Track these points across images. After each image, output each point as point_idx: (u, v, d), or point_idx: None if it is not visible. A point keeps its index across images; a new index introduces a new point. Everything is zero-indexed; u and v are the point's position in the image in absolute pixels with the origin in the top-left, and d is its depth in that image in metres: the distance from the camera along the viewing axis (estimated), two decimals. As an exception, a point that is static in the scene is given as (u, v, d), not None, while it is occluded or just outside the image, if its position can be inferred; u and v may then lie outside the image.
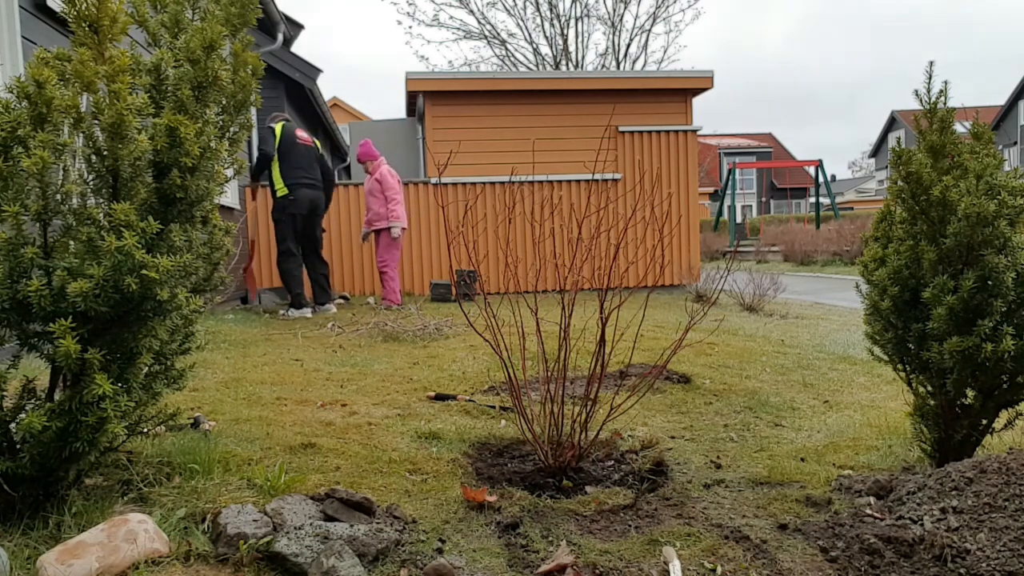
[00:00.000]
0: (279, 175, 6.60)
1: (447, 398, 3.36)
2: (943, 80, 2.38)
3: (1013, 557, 1.75)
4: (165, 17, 2.11)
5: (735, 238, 22.46)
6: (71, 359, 1.62)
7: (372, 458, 2.46)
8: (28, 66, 1.72)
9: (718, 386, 3.78)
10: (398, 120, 11.60)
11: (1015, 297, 2.20)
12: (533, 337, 2.57)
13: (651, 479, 2.40)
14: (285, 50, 10.57)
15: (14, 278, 1.66)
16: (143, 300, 1.71)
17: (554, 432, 2.39)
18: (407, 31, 51.79)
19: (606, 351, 2.40)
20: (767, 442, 2.87)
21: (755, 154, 44.60)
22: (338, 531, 1.77)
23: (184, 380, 2.13)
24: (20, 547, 1.64)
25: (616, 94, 9.44)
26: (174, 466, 2.14)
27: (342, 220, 9.06)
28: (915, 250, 2.36)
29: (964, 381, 2.30)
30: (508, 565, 1.80)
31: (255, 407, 3.03)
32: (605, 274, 2.42)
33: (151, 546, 1.64)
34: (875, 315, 2.51)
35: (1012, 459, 2.04)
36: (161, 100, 1.88)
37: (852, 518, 2.05)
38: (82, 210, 1.76)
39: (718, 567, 1.80)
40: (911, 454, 2.65)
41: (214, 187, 1.98)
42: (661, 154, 9.53)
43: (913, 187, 2.33)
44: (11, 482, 1.74)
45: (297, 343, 4.97)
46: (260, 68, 2.42)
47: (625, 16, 24.90)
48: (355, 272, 8.94)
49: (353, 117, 24.32)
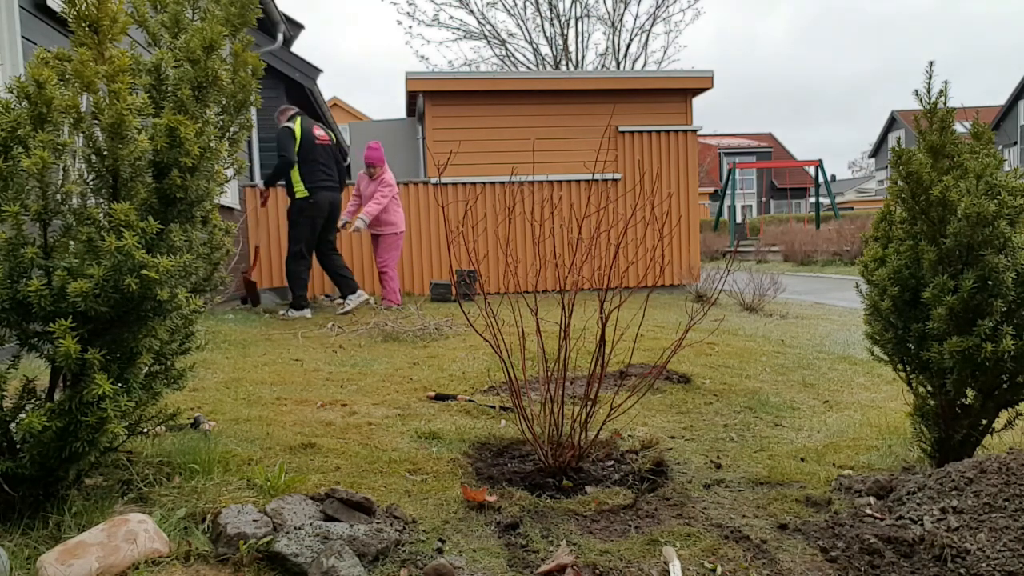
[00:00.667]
0: (299, 177, 6.47)
1: (447, 398, 3.36)
2: (943, 80, 2.38)
3: (1013, 557, 1.75)
4: (165, 17, 2.11)
5: (735, 238, 22.47)
6: (71, 359, 1.62)
7: (372, 458, 2.46)
8: (28, 66, 1.72)
9: (718, 386, 3.78)
10: (398, 120, 11.60)
11: (1015, 297, 2.20)
12: (533, 337, 2.57)
13: (651, 479, 2.40)
14: (285, 50, 10.57)
15: (14, 278, 1.66)
16: (143, 300, 1.71)
17: (554, 432, 2.39)
18: (407, 31, 51.72)
19: (606, 351, 2.40)
20: (767, 442, 2.87)
21: (755, 154, 44.59)
22: (338, 531, 1.77)
23: (184, 380, 2.13)
24: (20, 547, 1.64)
25: (616, 94, 9.43)
26: (174, 466, 2.14)
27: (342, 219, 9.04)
28: (915, 250, 2.36)
29: (964, 381, 2.30)
30: (508, 565, 1.80)
31: (255, 407, 3.03)
32: (605, 274, 2.42)
33: (151, 546, 1.64)
34: (875, 315, 2.51)
35: (1012, 459, 2.04)
36: (161, 100, 1.88)
37: (852, 518, 2.05)
38: (82, 210, 1.76)
39: (718, 567, 1.80)
40: (911, 454, 2.65)
41: (214, 187, 1.98)
42: (661, 154, 9.53)
43: (913, 187, 2.33)
44: (11, 482, 1.74)
45: (297, 343, 4.97)
46: (260, 68, 2.42)
47: (625, 16, 24.90)
48: (355, 272, 8.94)
49: (353, 117, 24.32)
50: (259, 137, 9.97)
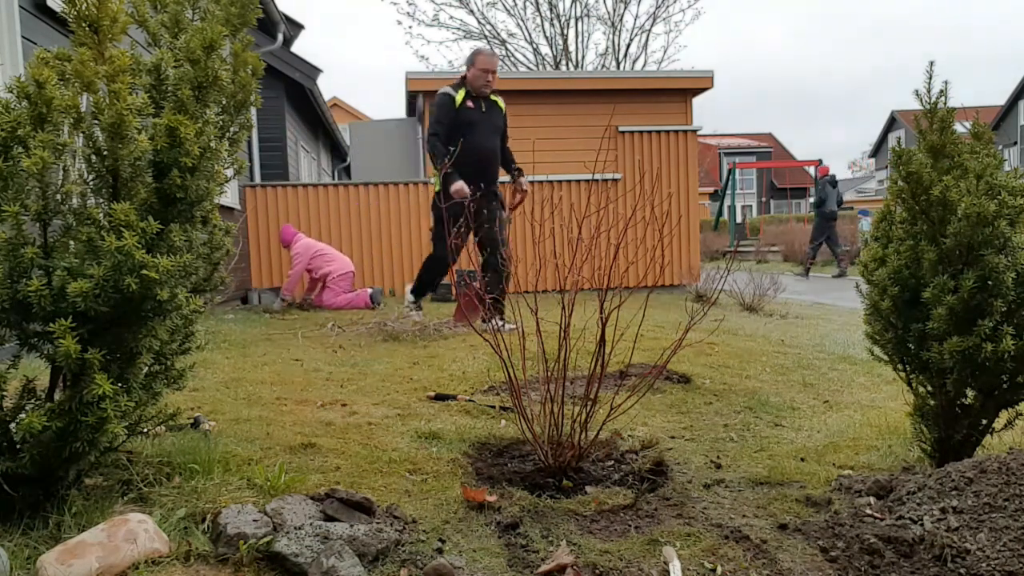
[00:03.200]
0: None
1: (447, 398, 3.36)
2: (943, 80, 2.38)
3: (1013, 557, 1.75)
4: (165, 17, 2.11)
5: (735, 238, 22.47)
6: (71, 359, 1.62)
7: (372, 458, 2.46)
8: (28, 66, 1.72)
9: (718, 386, 3.78)
10: (398, 120, 11.60)
11: (1015, 297, 2.20)
12: (533, 337, 2.57)
13: (651, 479, 2.40)
14: (285, 50, 10.57)
15: (14, 278, 1.66)
16: (143, 300, 1.71)
17: (554, 432, 2.39)
18: (407, 31, 51.64)
19: (606, 351, 2.40)
20: (767, 442, 2.87)
21: (755, 154, 44.60)
22: (338, 531, 1.77)
23: (184, 380, 2.12)
24: (20, 547, 1.64)
25: (616, 94, 9.44)
26: (174, 466, 2.14)
27: (342, 219, 9.07)
28: (915, 250, 2.36)
29: (964, 381, 2.30)
30: (508, 565, 1.80)
31: (255, 407, 3.03)
32: (605, 274, 2.42)
33: (151, 546, 1.64)
34: (875, 315, 2.51)
35: (1012, 459, 2.04)
36: (161, 100, 1.88)
37: (852, 518, 2.05)
38: (82, 210, 1.76)
39: (718, 567, 1.80)
40: (911, 454, 2.65)
41: (214, 187, 1.97)
42: (661, 154, 9.53)
43: (913, 187, 2.33)
44: (11, 482, 1.74)
45: (297, 343, 4.97)
46: (260, 68, 2.42)
47: (625, 16, 24.84)
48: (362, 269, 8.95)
49: (353, 117, 24.31)
50: (259, 137, 9.98)
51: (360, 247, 9.00)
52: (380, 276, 9.14)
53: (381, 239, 9.15)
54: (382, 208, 9.13)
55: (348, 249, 8.86)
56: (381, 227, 9.14)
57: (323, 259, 7.76)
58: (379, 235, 9.14)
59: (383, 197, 9.12)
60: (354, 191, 9.11)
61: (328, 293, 7.64)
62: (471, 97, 5.47)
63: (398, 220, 9.16)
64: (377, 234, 9.14)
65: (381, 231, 9.15)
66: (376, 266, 9.15)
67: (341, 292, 7.61)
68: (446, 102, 5.40)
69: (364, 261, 8.99)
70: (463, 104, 5.41)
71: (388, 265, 9.18)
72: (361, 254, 8.97)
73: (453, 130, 5.31)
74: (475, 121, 5.42)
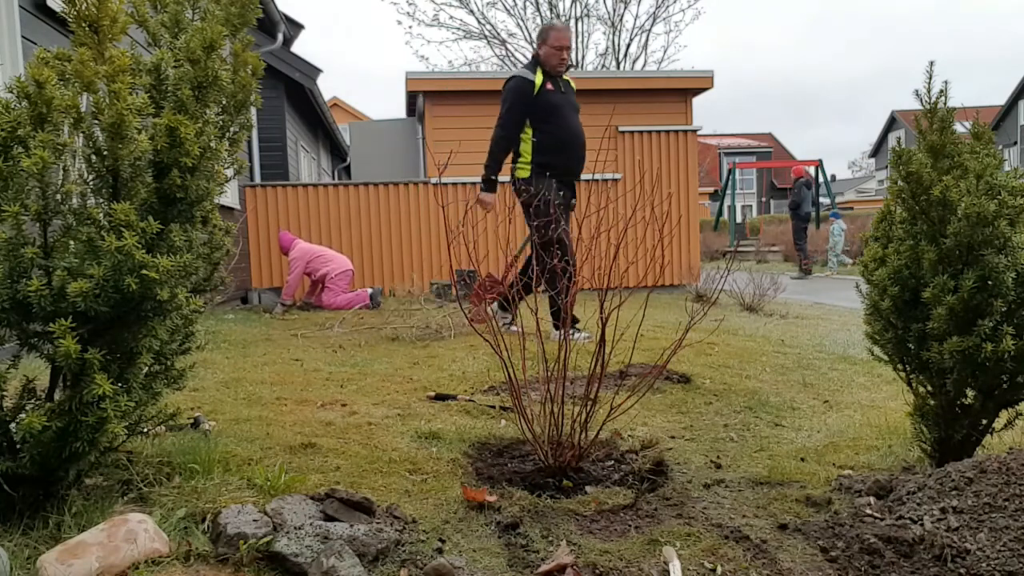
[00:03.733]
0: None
1: (447, 398, 3.36)
2: (943, 80, 2.37)
3: (1013, 557, 1.75)
4: (165, 17, 2.11)
5: (735, 238, 22.46)
6: (71, 359, 1.62)
7: (372, 458, 2.46)
8: (28, 66, 1.72)
9: (718, 386, 3.78)
10: (398, 120, 11.61)
11: (1015, 297, 2.20)
12: (533, 337, 2.57)
13: (651, 479, 2.40)
14: (285, 50, 10.57)
15: (14, 278, 1.66)
16: (143, 300, 1.71)
17: (554, 432, 2.39)
18: (407, 31, 51.84)
19: (606, 351, 2.40)
20: (767, 442, 2.87)
21: (755, 154, 44.60)
22: (338, 531, 1.77)
23: (184, 380, 2.13)
24: (20, 547, 1.64)
25: (616, 94, 9.43)
26: (174, 466, 2.14)
27: (342, 220, 9.06)
28: (915, 250, 2.36)
29: (964, 381, 2.30)
30: (508, 565, 1.80)
31: (255, 407, 3.03)
32: (605, 274, 2.42)
33: (151, 546, 1.64)
34: (875, 315, 2.51)
35: (1012, 459, 2.04)
36: (161, 100, 1.88)
37: (852, 518, 2.05)
38: (82, 210, 1.76)
39: (718, 567, 1.79)
40: (911, 454, 2.65)
41: (214, 187, 1.97)
42: (661, 154, 9.52)
43: (913, 187, 2.33)
44: (11, 482, 1.74)
45: (297, 343, 4.97)
46: (260, 68, 2.42)
47: (625, 16, 24.83)
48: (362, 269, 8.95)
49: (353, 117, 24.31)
50: (259, 137, 9.98)
51: (360, 247, 9.00)
52: (380, 276, 9.14)
53: (381, 239, 9.15)
54: (382, 208, 9.13)
55: (348, 249, 8.86)
56: (381, 227, 9.14)
57: (320, 260, 7.78)
58: (379, 235, 9.14)
59: (383, 197, 9.12)
60: (354, 191, 9.11)
61: (328, 293, 7.63)
62: (549, 78, 4.84)
63: (398, 220, 9.16)
64: (377, 234, 9.14)
65: (381, 231, 9.15)
66: (376, 266, 9.15)
67: (340, 291, 7.61)
68: (523, 87, 4.76)
69: (364, 261, 8.99)
70: (543, 87, 4.78)
71: (388, 265, 9.18)
72: (361, 254, 8.97)
73: (535, 118, 4.74)
74: (559, 104, 4.84)
